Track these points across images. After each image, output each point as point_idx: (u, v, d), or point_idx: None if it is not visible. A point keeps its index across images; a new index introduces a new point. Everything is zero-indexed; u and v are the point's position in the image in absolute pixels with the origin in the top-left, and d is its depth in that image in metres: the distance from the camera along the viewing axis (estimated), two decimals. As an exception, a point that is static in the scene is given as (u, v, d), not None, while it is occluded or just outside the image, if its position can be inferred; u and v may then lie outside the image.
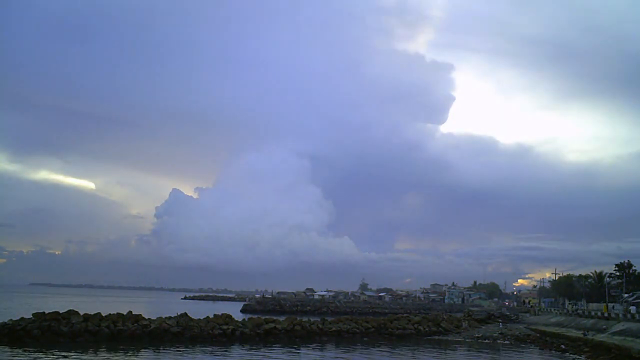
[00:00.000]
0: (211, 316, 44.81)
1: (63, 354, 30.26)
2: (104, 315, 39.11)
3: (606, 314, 49.00)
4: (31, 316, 36.47)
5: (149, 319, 40.59)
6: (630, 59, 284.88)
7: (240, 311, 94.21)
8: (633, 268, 78.95)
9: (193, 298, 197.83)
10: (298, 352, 37.26)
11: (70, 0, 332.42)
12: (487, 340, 48.61)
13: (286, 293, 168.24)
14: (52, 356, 29.51)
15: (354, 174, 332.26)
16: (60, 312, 38.10)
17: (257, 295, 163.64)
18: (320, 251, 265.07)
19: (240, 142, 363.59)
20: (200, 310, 66.01)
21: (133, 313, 40.88)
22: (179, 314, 43.28)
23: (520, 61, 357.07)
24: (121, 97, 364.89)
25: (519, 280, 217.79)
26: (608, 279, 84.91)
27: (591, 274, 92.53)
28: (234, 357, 33.82)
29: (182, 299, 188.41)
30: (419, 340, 48.23)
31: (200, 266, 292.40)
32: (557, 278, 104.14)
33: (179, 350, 34.11)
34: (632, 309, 46.88)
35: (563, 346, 42.39)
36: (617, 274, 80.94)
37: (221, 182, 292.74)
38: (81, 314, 38.32)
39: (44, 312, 37.27)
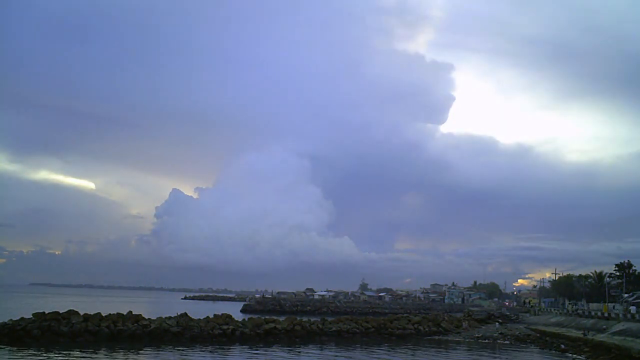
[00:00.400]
0: (211, 316, 44.81)
1: (63, 354, 30.29)
2: (104, 315, 39.13)
3: (606, 314, 48.99)
4: (31, 316, 36.48)
5: (149, 319, 40.60)
6: (630, 59, 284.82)
7: (240, 311, 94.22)
8: (633, 268, 78.94)
9: (193, 298, 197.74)
10: (298, 352, 37.29)
11: (70, 0, 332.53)
12: (487, 340, 48.62)
13: (286, 293, 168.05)
14: (52, 356, 29.54)
15: (354, 174, 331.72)
16: (60, 312, 38.12)
17: (257, 295, 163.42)
18: (320, 251, 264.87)
19: (240, 142, 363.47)
20: (200, 310, 66.00)
21: (133, 313, 40.89)
22: (179, 314, 43.29)
23: (520, 61, 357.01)
24: (121, 97, 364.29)
25: (519, 280, 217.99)
26: (608, 279, 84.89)
27: (591, 274, 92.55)
28: (234, 357, 33.87)
29: (182, 299, 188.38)
30: (419, 340, 48.22)
31: (200, 266, 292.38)
32: (557, 278, 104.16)
33: (179, 350, 34.13)
34: (632, 309, 46.87)
35: (563, 346, 42.41)
36: (617, 274, 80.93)
37: (221, 182, 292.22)
38: (81, 314, 38.34)
39: (44, 312, 37.29)
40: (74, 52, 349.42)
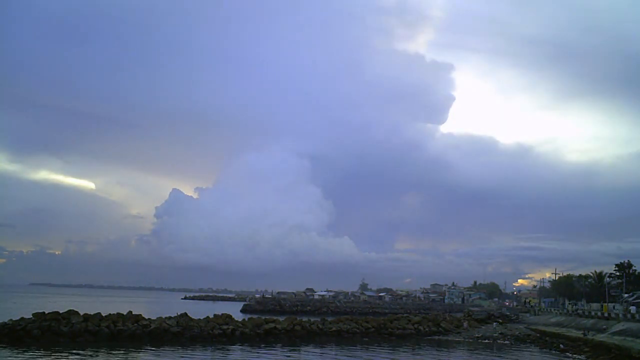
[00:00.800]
0: (211, 316, 44.85)
1: (63, 354, 30.29)
2: (104, 315, 39.15)
3: (606, 314, 48.98)
4: (31, 316, 36.51)
5: (149, 319, 40.62)
6: (630, 59, 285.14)
7: (240, 311, 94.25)
8: (633, 268, 78.93)
9: (193, 298, 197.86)
10: (298, 352, 37.29)
11: (70, 0, 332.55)
12: (487, 340, 48.63)
13: (286, 293, 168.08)
14: (52, 356, 29.55)
15: (354, 174, 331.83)
16: (60, 312, 38.15)
17: (257, 295, 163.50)
18: (320, 251, 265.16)
19: (240, 142, 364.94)
20: (200, 310, 66.01)
21: (133, 313, 40.92)
22: (179, 314, 43.32)
23: (520, 61, 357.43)
24: (121, 97, 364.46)
25: (519, 280, 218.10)
26: (608, 279, 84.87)
27: (591, 274, 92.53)
28: (234, 357, 33.87)
29: (182, 299, 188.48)
30: (419, 340, 48.23)
31: (200, 266, 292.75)
32: (557, 278, 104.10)
33: (179, 350, 34.13)
34: (632, 309, 46.84)
35: (562, 346, 42.40)
36: (617, 274, 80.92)
37: (221, 182, 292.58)
38: (81, 314, 38.36)
39: (44, 312, 37.32)
40: (74, 52, 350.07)
